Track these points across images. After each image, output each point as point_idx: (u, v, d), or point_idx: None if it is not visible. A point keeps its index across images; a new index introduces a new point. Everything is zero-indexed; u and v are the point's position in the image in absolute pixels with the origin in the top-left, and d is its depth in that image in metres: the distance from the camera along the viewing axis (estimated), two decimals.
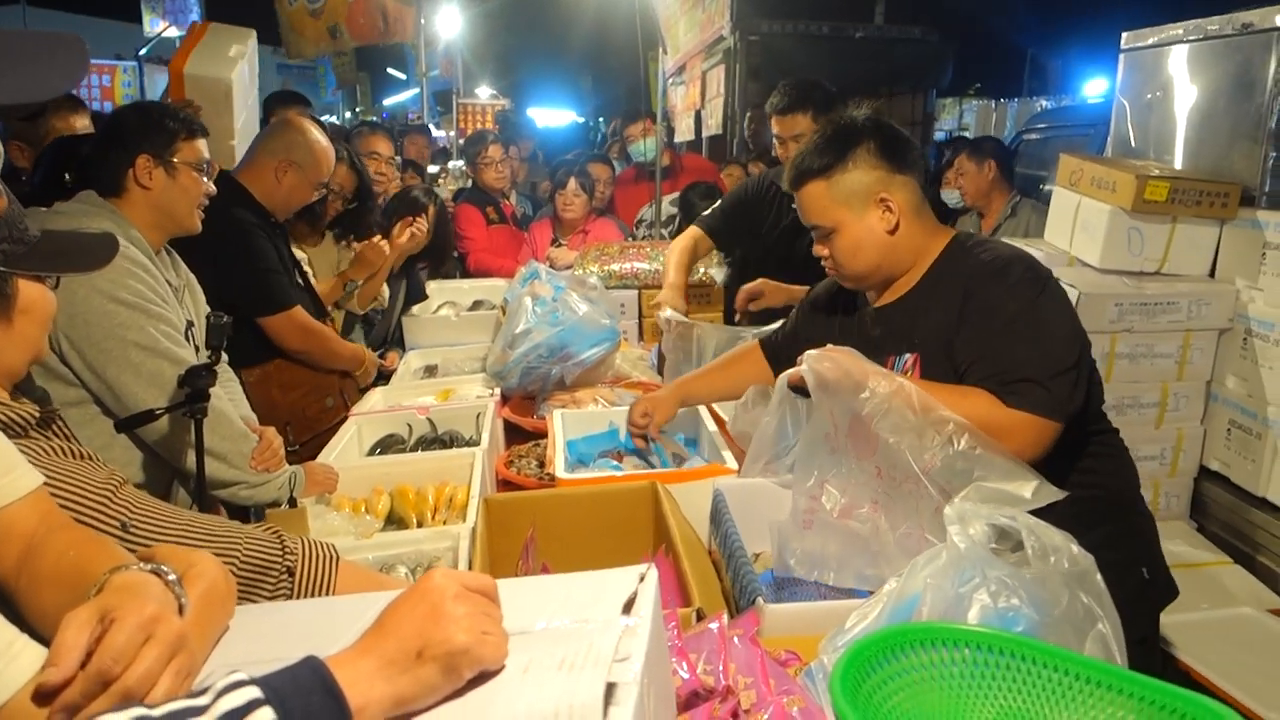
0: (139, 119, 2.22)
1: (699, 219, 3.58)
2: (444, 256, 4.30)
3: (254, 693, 0.74)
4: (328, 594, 1.33)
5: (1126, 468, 2.01)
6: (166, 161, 2.17)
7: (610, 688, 0.78)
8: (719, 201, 3.68)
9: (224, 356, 2.29)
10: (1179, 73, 3.20)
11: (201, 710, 0.72)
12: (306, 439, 2.77)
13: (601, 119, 17.07)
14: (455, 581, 0.88)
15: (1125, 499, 1.95)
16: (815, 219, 1.94)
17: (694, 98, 9.44)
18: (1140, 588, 1.87)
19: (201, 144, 2.25)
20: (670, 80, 9.69)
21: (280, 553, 1.34)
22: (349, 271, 3.36)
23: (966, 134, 12.58)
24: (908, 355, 1.89)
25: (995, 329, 1.74)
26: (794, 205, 3.31)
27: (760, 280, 3.17)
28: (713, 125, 8.71)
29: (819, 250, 1.99)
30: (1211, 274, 3.02)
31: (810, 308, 2.29)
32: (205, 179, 2.25)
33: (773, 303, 3.11)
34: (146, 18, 13.34)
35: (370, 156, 4.01)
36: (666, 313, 3.06)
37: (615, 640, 0.85)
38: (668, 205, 5.28)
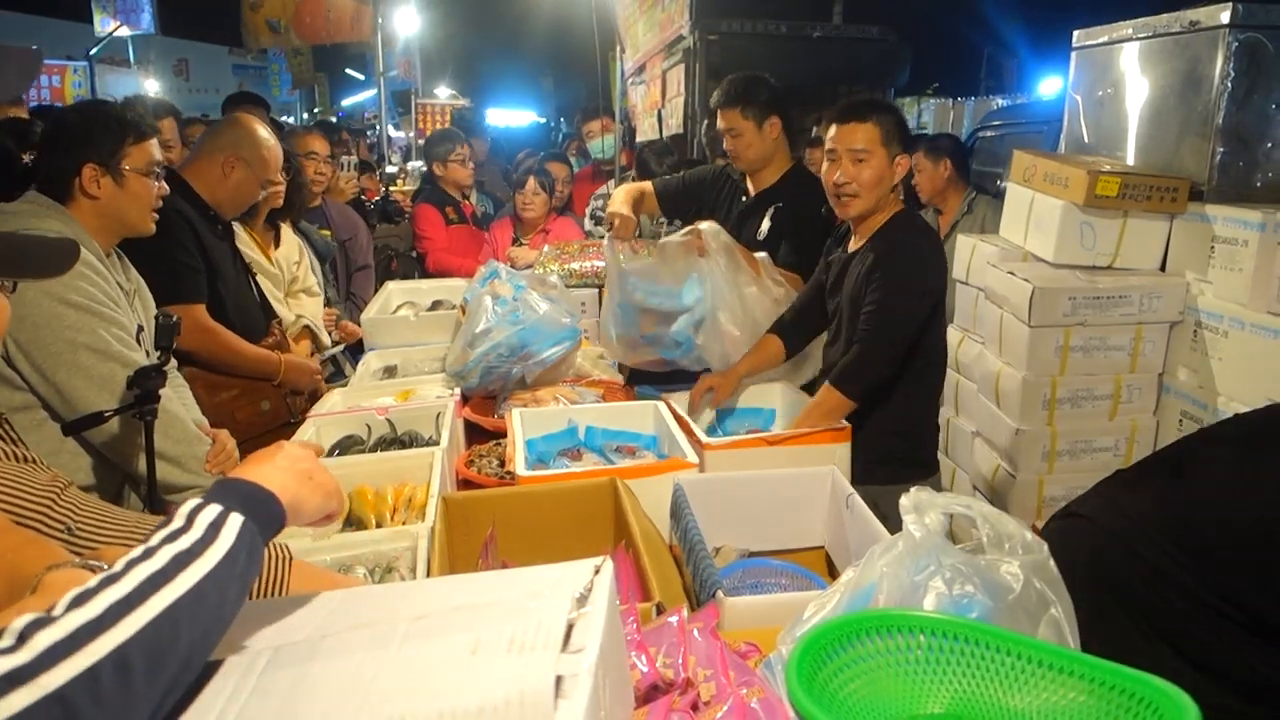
0: (82, 123, 2.14)
1: (658, 180, 3.59)
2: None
3: (217, 507, 0.90)
4: (281, 593, 1.31)
5: None
6: (114, 169, 2.10)
7: (563, 679, 0.77)
8: (681, 172, 3.69)
9: (174, 360, 2.26)
10: (1130, 70, 3.25)
11: (183, 530, 0.86)
12: (238, 443, 2.57)
13: (563, 119, 17.06)
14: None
15: None
16: None
17: (655, 97, 9.43)
18: None
19: (151, 145, 2.17)
20: (630, 80, 9.69)
21: None
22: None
23: (926, 132, 12.72)
24: None
25: None
26: (744, 199, 3.37)
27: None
28: (673, 125, 8.71)
29: None
30: (1162, 267, 3.08)
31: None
32: (156, 182, 2.17)
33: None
34: (97, 17, 13.13)
35: (308, 157, 3.96)
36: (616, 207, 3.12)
37: (566, 618, 0.85)
38: None
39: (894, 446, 2.53)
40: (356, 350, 3.70)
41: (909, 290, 2.44)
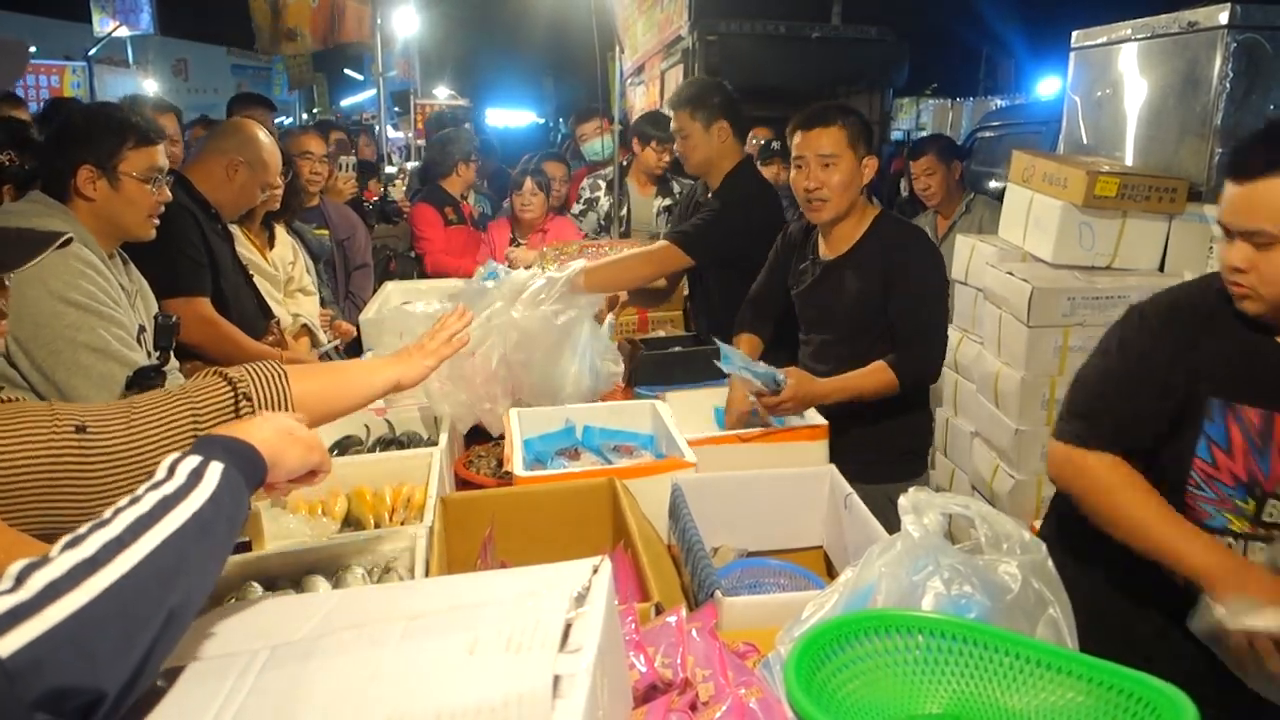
0: (84, 124, 2.13)
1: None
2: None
3: (197, 458, 0.96)
4: (288, 404, 1.37)
5: None
6: (110, 172, 2.09)
7: (560, 679, 0.77)
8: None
9: (175, 361, 2.25)
10: (1128, 70, 3.25)
11: (166, 479, 0.92)
12: None
13: (561, 119, 17.07)
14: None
15: None
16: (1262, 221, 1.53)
17: (653, 98, 9.44)
18: None
19: (154, 151, 2.16)
20: (629, 80, 9.69)
21: (228, 386, 1.33)
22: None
23: (924, 133, 12.74)
24: None
25: None
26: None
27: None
28: (671, 126, 8.70)
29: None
30: (1161, 268, 3.08)
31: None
32: (155, 188, 2.16)
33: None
34: (96, 17, 13.09)
35: (303, 157, 3.97)
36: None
37: (564, 618, 0.84)
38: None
39: (900, 442, 2.55)
40: (354, 350, 3.70)
41: (941, 286, 2.54)
